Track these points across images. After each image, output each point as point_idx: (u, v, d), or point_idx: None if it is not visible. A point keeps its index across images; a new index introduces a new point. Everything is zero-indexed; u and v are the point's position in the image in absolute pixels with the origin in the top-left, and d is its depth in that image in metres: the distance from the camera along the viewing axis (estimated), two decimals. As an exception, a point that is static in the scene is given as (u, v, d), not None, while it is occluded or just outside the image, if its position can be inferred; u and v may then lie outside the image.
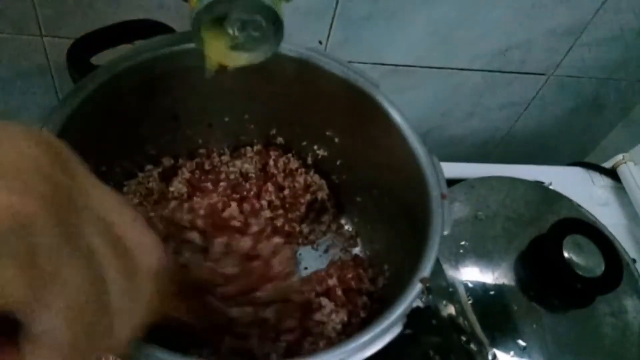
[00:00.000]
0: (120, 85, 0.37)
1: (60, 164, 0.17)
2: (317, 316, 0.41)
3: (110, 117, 0.38)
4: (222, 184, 0.47)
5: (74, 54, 0.39)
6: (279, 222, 0.46)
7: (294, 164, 0.49)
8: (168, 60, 0.40)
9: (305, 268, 0.47)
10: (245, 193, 0.47)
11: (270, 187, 0.47)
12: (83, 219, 0.17)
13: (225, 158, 0.49)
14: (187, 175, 0.47)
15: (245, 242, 0.37)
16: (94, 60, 0.39)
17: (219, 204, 0.45)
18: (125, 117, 0.40)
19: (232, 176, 0.48)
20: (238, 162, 0.49)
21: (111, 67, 0.37)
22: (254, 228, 0.38)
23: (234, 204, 0.45)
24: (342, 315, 0.42)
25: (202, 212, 0.39)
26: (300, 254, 0.48)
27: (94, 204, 0.18)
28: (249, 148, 0.50)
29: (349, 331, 0.41)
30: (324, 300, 0.42)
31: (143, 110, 0.42)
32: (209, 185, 0.47)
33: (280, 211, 0.47)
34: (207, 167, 0.48)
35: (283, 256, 0.37)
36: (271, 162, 0.49)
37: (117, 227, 0.18)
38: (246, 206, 0.45)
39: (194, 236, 0.36)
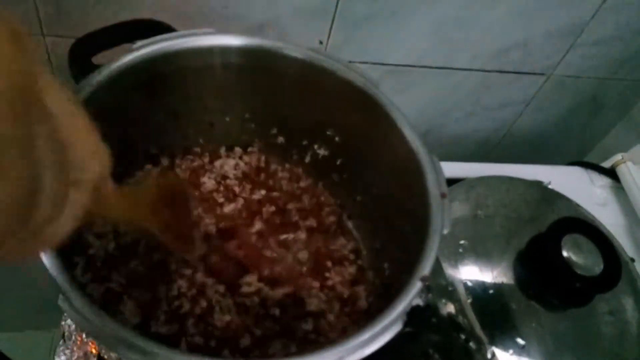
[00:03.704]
0: (122, 84, 0.38)
1: (23, 53, 0.16)
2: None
3: (111, 117, 0.38)
4: (213, 183, 0.47)
5: (76, 53, 0.39)
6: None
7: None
8: (169, 60, 0.40)
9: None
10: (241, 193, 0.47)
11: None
12: (33, 114, 0.16)
13: (222, 157, 0.50)
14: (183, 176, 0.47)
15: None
16: (96, 59, 0.39)
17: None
18: (127, 116, 0.40)
19: (231, 176, 0.48)
20: (232, 161, 0.49)
21: (113, 66, 0.37)
22: None
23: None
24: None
25: None
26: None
27: (48, 101, 0.17)
28: (237, 149, 0.50)
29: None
30: None
31: (144, 110, 0.42)
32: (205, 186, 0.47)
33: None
34: (204, 166, 0.48)
35: None
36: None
37: (65, 130, 0.18)
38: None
39: None
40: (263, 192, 0.48)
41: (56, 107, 0.18)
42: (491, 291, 0.48)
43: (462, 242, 0.50)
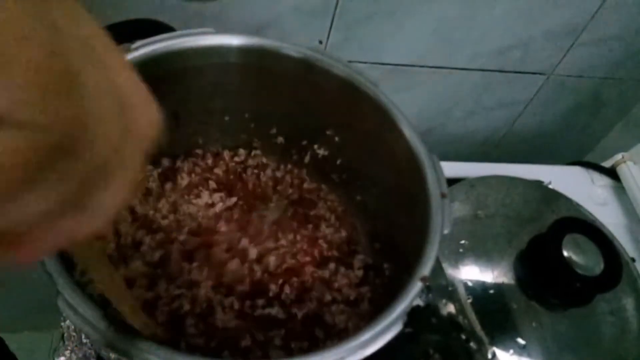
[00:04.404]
0: (121, 84, 0.37)
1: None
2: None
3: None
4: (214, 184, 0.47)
5: (75, 53, 0.39)
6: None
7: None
8: (168, 60, 0.40)
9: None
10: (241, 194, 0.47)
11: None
12: (87, 59, 0.15)
13: (225, 158, 0.50)
14: (186, 180, 0.47)
15: None
16: (95, 59, 0.39)
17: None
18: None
19: (231, 176, 0.48)
20: (232, 164, 0.49)
21: (112, 66, 0.37)
22: None
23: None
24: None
25: None
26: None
27: (98, 50, 0.16)
28: (241, 150, 0.50)
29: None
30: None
31: (143, 110, 0.42)
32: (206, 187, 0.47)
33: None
34: (208, 165, 0.49)
35: None
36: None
37: (119, 80, 0.17)
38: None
39: None
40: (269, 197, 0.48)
41: (109, 59, 0.16)
42: (491, 291, 0.48)
43: (462, 242, 0.50)
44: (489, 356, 0.44)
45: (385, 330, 0.30)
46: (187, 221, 0.44)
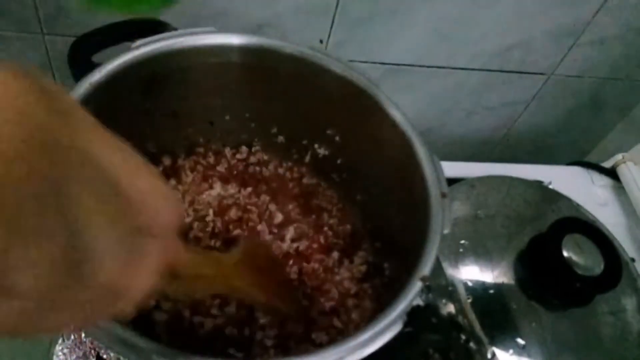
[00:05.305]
0: (121, 83, 0.37)
1: (47, 102, 0.15)
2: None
3: (111, 116, 0.38)
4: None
5: (76, 52, 0.39)
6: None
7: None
8: (169, 59, 0.40)
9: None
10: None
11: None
12: (72, 165, 0.15)
13: (227, 157, 0.50)
14: (190, 177, 0.47)
15: None
16: (95, 58, 0.39)
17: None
18: (126, 115, 0.40)
19: (235, 172, 0.49)
20: (234, 162, 0.49)
21: (112, 65, 0.37)
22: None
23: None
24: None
25: None
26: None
27: (89, 147, 0.16)
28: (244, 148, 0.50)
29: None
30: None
31: (144, 109, 0.42)
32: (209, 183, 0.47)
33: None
34: (209, 163, 0.49)
35: None
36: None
37: (118, 176, 0.16)
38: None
39: None
40: (267, 194, 0.48)
41: (103, 153, 0.16)
42: (491, 291, 0.48)
43: (462, 242, 0.50)
44: (489, 356, 0.44)
45: (385, 330, 0.30)
46: (205, 209, 0.45)
